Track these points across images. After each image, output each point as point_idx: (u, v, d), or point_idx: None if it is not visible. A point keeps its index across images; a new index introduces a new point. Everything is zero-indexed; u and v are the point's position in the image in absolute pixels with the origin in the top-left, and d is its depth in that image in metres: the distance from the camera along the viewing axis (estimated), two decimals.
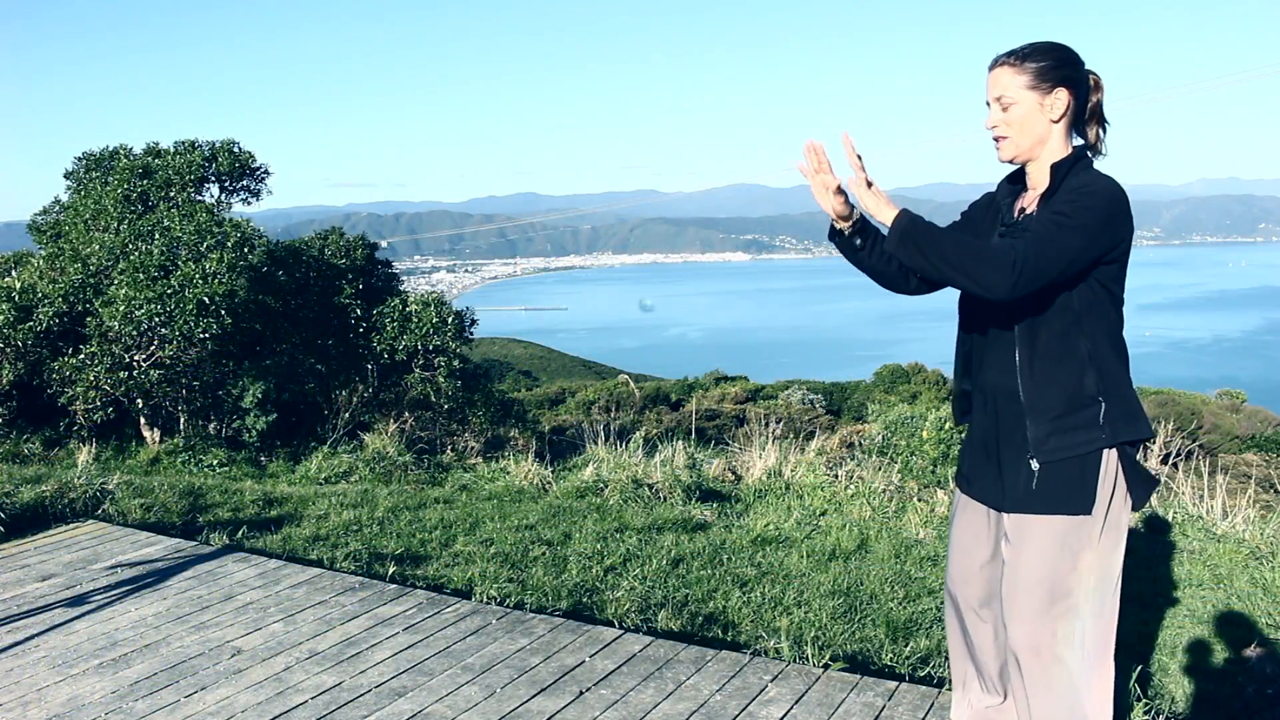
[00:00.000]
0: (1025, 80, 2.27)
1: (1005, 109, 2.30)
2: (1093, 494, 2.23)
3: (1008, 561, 2.33)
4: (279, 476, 8.30)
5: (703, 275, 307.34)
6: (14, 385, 9.55)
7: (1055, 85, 2.26)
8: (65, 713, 3.10)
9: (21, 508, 5.32)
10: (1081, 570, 2.25)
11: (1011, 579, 2.31)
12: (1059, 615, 2.25)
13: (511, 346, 63.76)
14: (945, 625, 2.67)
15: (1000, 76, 2.30)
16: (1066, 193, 2.23)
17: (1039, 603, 2.26)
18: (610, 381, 34.09)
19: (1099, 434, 2.23)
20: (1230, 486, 6.34)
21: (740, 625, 3.96)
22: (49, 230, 11.81)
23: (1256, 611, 4.29)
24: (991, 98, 2.32)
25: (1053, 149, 2.31)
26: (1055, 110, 2.27)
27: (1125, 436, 2.24)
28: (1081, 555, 2.25)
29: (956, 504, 2.59)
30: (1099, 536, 2.26)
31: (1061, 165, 2.29)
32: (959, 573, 2.53)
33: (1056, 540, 2.25)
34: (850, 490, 6.35)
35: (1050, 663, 2.27)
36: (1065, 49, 2.29)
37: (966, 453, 2.53)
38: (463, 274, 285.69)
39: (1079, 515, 2.24)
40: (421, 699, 3.16)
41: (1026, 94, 2.27)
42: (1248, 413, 23.68)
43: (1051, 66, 2.26)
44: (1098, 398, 2.23)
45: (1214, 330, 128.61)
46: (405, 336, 11.48)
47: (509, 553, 4.90)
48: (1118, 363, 2.27)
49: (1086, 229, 2.14)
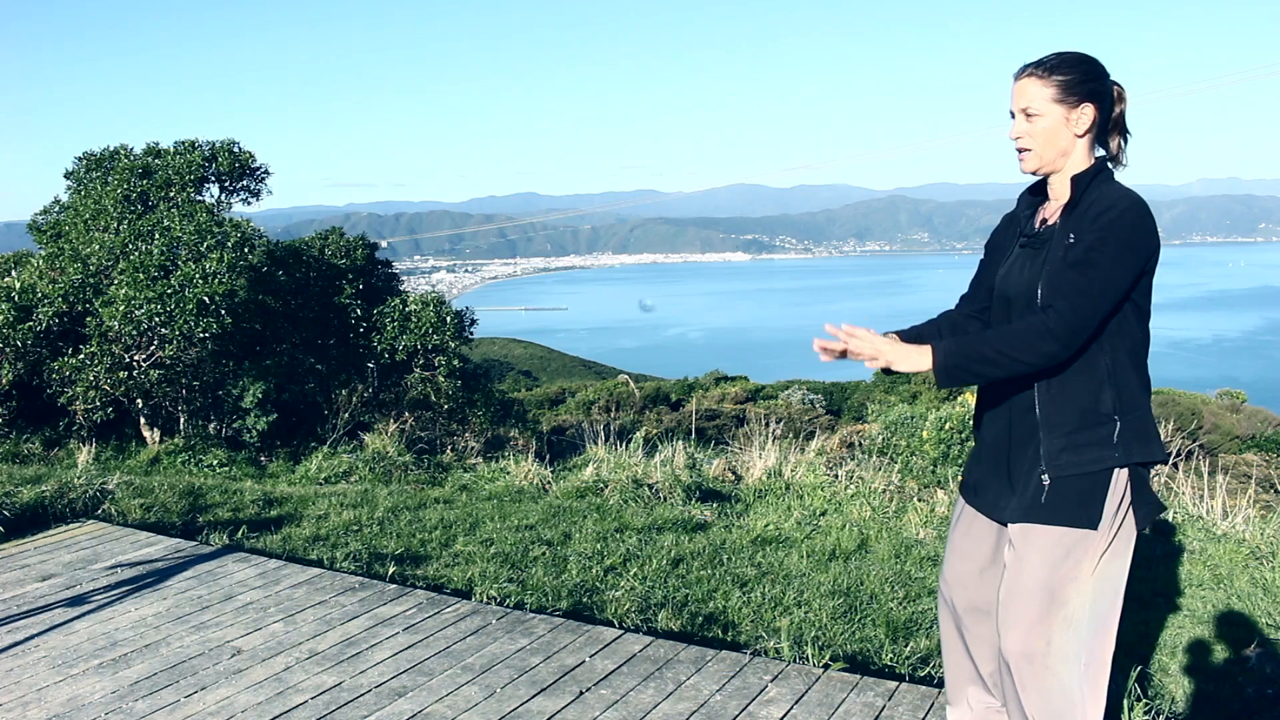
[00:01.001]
0: (1052, 93, 2.24)
1: (1030, 120, 2.26)
2: (1100, 510, 2.22)
3: (1009, 566, 2.31)
4: (279, 476, 8.30)
5: (703, 275, 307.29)
6: (14, 385, 9.54)
7: (1082, 99, 2.23)
8: (65, 713, 3.10)
9: (21, 508, 5.32)
10: (1082, 581, 2.23)
11: (1010, 583, 2.29)
12: (1056, 624, 2.24)
13: (511, 346, 63.75)
14: (941, 632, 2.65)
15: (1026, 87, 2.26)
16: (1088, 212, 2.20)
17: (1036, 610, 2.24)
18: (610, 381, 34.08)
19: (1112, 452, 2.21)
20: (1230, 486, 6.33)
21: (740, 625, 3.96)
22: (49, 230, 11.80)
23: (1256, 611, 4.29)
24: (1016, 108, 2.29)
25: (1075, 161, 2.28)
26: (1081, 125, 2.24)
27: (1138, 458, 2.23)
28: (1083, 566, 2.23)
29: (959, 511, 2.56)
30: (1103, 551, 2.24)
31: (1083, 177, 2.26)
32: (954, 576, 2.52)
33: (1060, 548, 2.23)
34: (850, 490, 6.35)
35: (1042, 671, 2.24)
36: (1093, 61, 2.26)
37: (975, 462, 2.50)
38: (463, 274, 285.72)
39: (1084, 529, 2.22)
40: (421, 699, 3.16)
41: (1053, 107, 2.24)
42: (1248, 413, 23.68)
43: (1079, 80, 2.23)
44: (1113, 416, 2.21)
45: (1214, 330, 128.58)
46: (405, 336, 11.49)
47: (509, 553, 4.89)
48: (1137, 382, 2.25)
49: (1119, 260, 2.13)
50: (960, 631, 2.56)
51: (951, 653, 2.61)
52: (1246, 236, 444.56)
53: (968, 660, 2.58)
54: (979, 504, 2.47)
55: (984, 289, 2.51)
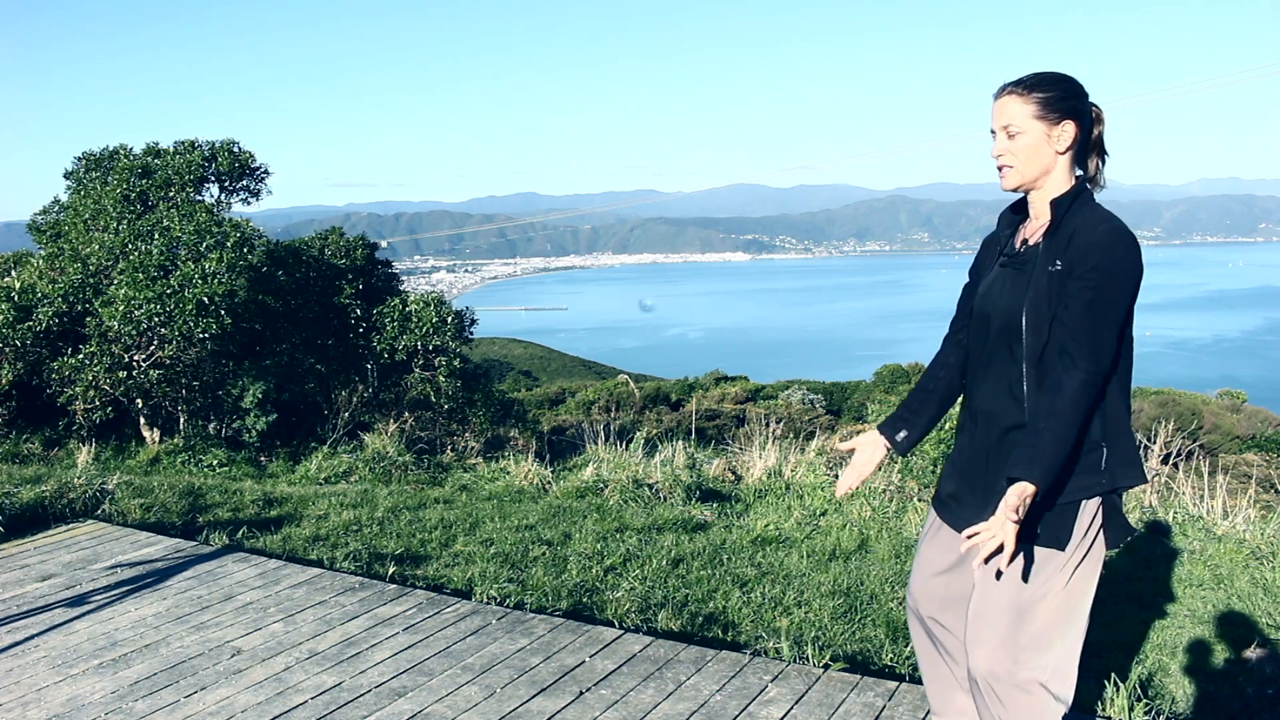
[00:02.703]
0: (1032, 110, 2.25)
1: (1011, 138, 2.28)
2: (1069, 532, 2.23)
3: (977, 584, 2.31)
4: (279, 476, 8.30)
5: (703, 275, 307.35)
6: (14, 385, 9.54)
7: (1063, 116, 2.25)
8: (65, 713, 3.10)
9: (21, 508, 5.32)
10: (1051, 600, 2.23)
11: (979, 602, 2.29)
12: (1025, 643, 2.23)
13: (511, 346, 63.77)
14: (915, 646, 2.63)
15: (1007, 105, 2.28)
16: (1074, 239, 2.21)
17: (1004, 628, 2.24)
18: (610, 381, 34.08)
19: (1100, 479, 2.22)
20: (1230, 486, 6.33)
21: (740, 625, 3.96)
22: (49, 230, 11.81)
23: (1256, 611, 4.29)
24: (997, 126, 2.30)
25: (1056, 180, 2.29)
26: (1062, 142, 2.25)
27: (1123, 483, 2.24)
28: (1052, 584, 2.23)
29: (929, 523, 2.55)
30: (1072, 573, 2.24)
31: (1063, 200, 2.27)
32: (920, 587, 2.51)
33: (1029, 567, 2.24)
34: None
35: (1009, 689, 2.24)
36: (1072, 80, 2.28)
37: (950, 475, 2.49)
38: (463, 274, 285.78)
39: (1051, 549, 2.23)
40: (421, 699, 3.16)
41: (1034, 124, 2.25)
42: (1248, 413, 23.68)
43: (1059, 97, 2.25)
44: (1101, 443, 2.22)
45: (1214, 330, 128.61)
46: (405, 336, 11.49)
47: (509, 553, 4.89)
48: (1122, 406, 2.26)
49: (1120, 286, 2.15)
50: (934, 642, 2.55)
51: (929, 665, 2.59)
52: (1246, 236, 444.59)
53: (946, 669, 2.56)
54: (952, 519, 2.46)
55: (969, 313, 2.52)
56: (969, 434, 2.43)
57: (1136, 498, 6.12)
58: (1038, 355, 2.23)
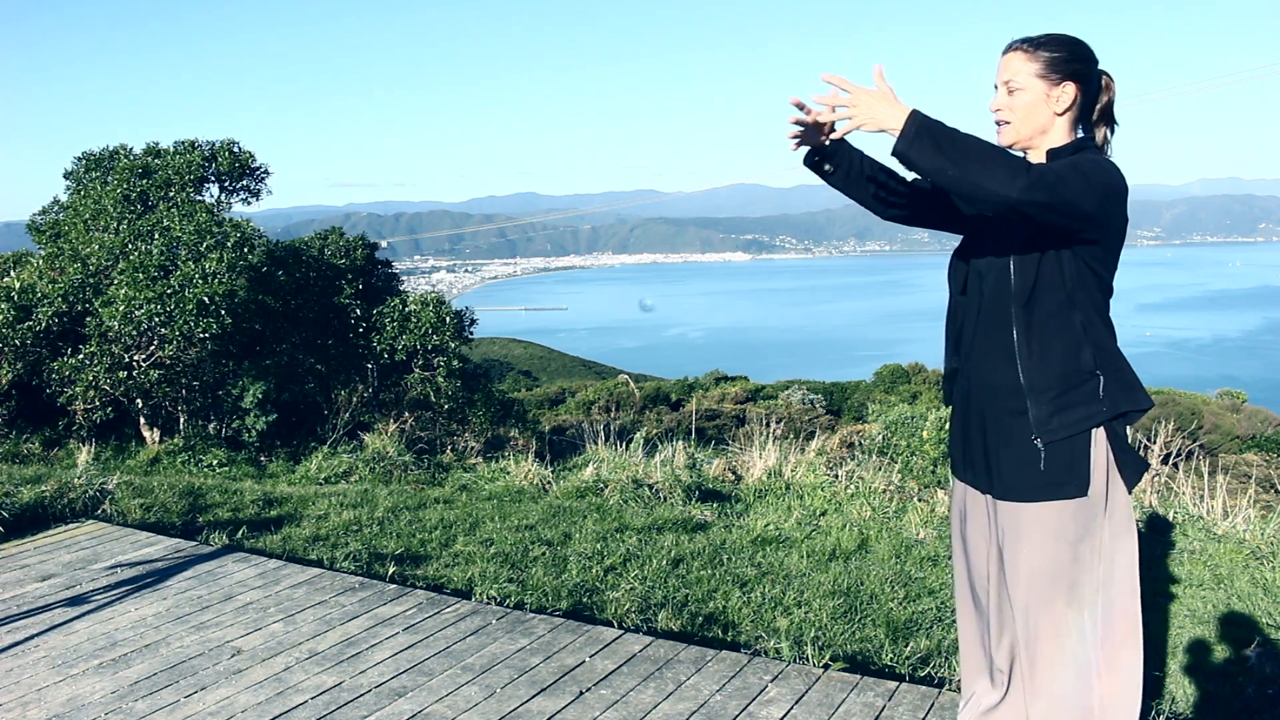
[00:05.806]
0: (1036, 68, 2.26)
1: (1011, 94, 2.29)
2: (1086, 476, 2.20)
3: (1006, 555, 2.30)
4: (279, 476, 8.30)
5: (703, 275, 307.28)
6: (13, 385, 9.55)
7: (1065, 78, 2.25)
8: (65, 713, 3.10)
9: (21, 508, 5.32)
10: (1083, 560, 2.21)
11: (1012, 572, 2.28)
12: (1061, 607, 2.22)
13: (511, 346, 63.77)
14: (959, 625, 2.61)
15: (1011, 61, 2.29)
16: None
17: (1039, 595, 2.23)
18: (610, 381, 34.09)
19: (1100, 407, 2.21)
20: (1230, 486, 6.33)
21: (740, 625, 3.96)
22: (49, 230, 11.81)
23: (1256, 611, 4.29)
24: (1000, 81, 2.31)
25: (1053, 141, 2.30)
26: (1061, 103, 2.26)
27: (1125, 406, 2.22)
28: (1081, 544, 2.21)
29: (958, 498, 2.52)
30: (1100, 524, 2.22)
31: (1060, 151, 2.27)
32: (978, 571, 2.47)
33: (1050, 530, 2.22)
34: (850, 490, 6.35)
35: (1052, 654, 2.23)
36: (1081, 44, 2.28)
37: (955, 438, 2.50)
38: (463, 274, 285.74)
39: (1074, 499, 2.21)
40: (421, 699, 3.16)
41: (1035, 82, 2.26)
42: (1248, 413, 23.69)
43: (1064, 59, 2.25)
44: (1095, 371, 2.22)
45: (1214, 330, 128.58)
46: (405, 336, 11.49)
47: (509, 553, 4.89)
48: (1110, 337, 2.26)
49: (1093, 183, 2.11)
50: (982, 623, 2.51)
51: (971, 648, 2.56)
52: (1246, 236, 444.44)
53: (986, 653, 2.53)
54: (968, 477, 2.45)
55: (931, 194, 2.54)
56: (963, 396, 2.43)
57: (1137, 497, 6.12)
58: (1026, 297, 2.23)
